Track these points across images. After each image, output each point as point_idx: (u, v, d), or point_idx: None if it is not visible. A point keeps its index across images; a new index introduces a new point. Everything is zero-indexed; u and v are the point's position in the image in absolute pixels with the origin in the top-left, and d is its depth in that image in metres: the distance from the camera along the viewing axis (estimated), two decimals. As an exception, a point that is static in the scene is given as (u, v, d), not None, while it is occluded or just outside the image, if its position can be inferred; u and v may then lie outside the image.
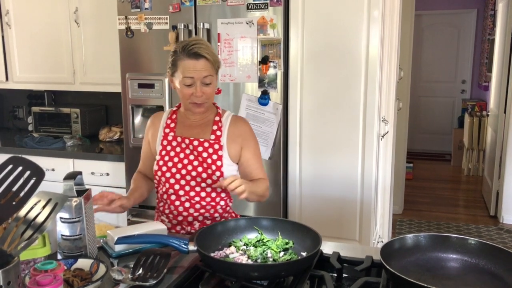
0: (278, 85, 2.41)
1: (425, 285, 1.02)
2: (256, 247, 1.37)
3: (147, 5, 2.56)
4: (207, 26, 2.45)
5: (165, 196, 1.73)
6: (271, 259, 1.31)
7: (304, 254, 1.32)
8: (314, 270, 1.25)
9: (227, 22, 2.42)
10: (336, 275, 1.27)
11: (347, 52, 2.31)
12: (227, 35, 2.43)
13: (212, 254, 1.31)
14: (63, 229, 1.35)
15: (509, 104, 4.28)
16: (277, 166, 2.47)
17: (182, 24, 2.47)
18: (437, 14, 6.86)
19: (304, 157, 2.46)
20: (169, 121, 1.78)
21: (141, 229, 1.51)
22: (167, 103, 2.61)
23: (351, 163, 2.38)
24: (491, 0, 6.04)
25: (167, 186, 1.71)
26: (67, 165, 3.02)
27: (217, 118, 1.74)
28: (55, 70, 3.29)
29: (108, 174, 2.94)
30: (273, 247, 1.35)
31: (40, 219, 1.02)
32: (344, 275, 1.29)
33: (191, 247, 1.31)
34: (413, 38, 4.35)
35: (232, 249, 1.36)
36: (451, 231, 4.15)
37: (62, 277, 1.12)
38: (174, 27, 2.51)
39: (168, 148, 1.73)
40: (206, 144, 1.70)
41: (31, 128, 3.53)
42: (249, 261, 1.30)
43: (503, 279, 1.17)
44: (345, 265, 1.29)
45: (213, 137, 1.71)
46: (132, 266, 1.29)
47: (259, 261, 1.30)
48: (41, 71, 3.33)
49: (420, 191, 5.36)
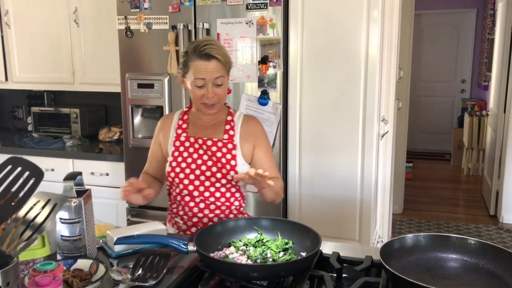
0: (278, 85, 2.41)
1: (424, 285, 1.02)
2: (255, 247, 1.37)
3: (146, 5, 2.56)
4: (206, 26, 2.45)
5: (178, 198, 1.72)
6: (270, 259, 1.31)
7: (303, 254, 1.31)
8: (314, 270, 1.24)
9: (227, 22, 2.42)
10: (335, 275, 1.27)
11: (346, 51, 2.31)
12: (226, 35, 2.43)
13: (212, 255, 1.31)
14: (63, 230, 1.35)
15: (508, 104, 4.28)
16: (276, 166, 2.47)
17: (182, 24, 2.47)
18: (436, 13, 6.86)
19: (303, 157, 2.46)
20: (180, 122, 1.76)
21: (141, 229, 1.51)
22: (167, 103, 2.61)
23: (351, 163, 2.38)
24: (491, -1, 6.05)
25: (181, 187, 1.69)
26: (67, 165, 3.02)
27: (229, 118, 1.74)
28: (54, 70, 3.29)
29: (107, 174, 2.94)
30: (273, 247, 1.35)
31: (40, 219, 1.02)
32: (344, 275, 1.29)
33: (191, 247, 1.31)
34: (412, 37, 4.35)
35: (232, 249, 1.36)
36: (451, 230, 4.15)
37: (62, 277, 1.12)
38: (174, 27, 2.51)
39: (181, 149, 1.71)
40: (220, 144, 1.69)
41: (30, 128, 3.53)
42: (249, 261, 1.30)
43: (503, 279, 1.16)
44: (344, 265, 1.29)
45: (226, 136, 1.70)
46: (131, 266, 1.29)
47: (258, 261, 1.30)
48: (41, 71, 3.33)
49: (420, 190, 5.36)
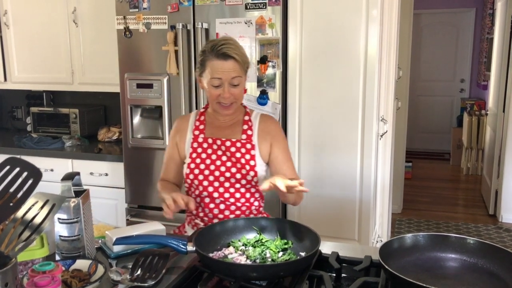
0: (277, 85, 2.41)
1: (424, 285, 1.01)
2: (255, 247, 1.36)
3: (145, 5, 2.56)
4: (205, 26, 2.45)
5: (198, 199, 1.70)
6: (270, 259, 1.31)
7: (303, 254, 1.31)
8: (313, 270, 1.24)
9: (226, 22, 2.42)
10: (335, 275, 1.27)
11: (345, 51, 2.31)
12: (225, 34, 2.42)
13: (211, 255, 1.31)
14: (61, 230, 1.35)
15: (508, 103, 4.28)
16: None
17: (181, 24, 2.47)
18: (436, 13, 6.86)
19: (303, 157, 2.46)
20: (197, 123, 1.75)
21: (140, 229, 1.51)
22: (166, 103, 2.60)
23: (350, 163, 2.38)
24: (490, -1, 6.05)
25: (201, 189, 1.68)
26: (66, 165, 3.02)
27: (246, 118, 1.73)
28: (53, 70, 3.29)
29: (107, 175, 2.94)
30: (272, 247, 1.35)
31: (38, 220, 1.02)
32: (343, 275, 1.29)
33: (190, 247, 1.31)
34: (411, 37, 4.35)
35: (231, 249, 1.36)
36: (450, 230, 4.15)
37: (60, 278, 1.12)
38: (173, 27, 2.51)
39: (199, 150, 1.70)
40: (239, 144, 1.68)
41: (29, 128, 3.53)
42: (248, 262, 1.30)
43: (502, 279, 1.16)
44: (344, 265, 1.29)
45: (244, 136, 1.69)
46: (130, 266, 1.29)
47: (257, 261, 1.30)
48: (40, 71, 3.33)
49: (419, 190, 5.36)
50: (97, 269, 1.26)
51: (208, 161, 1.68)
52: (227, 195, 1.67)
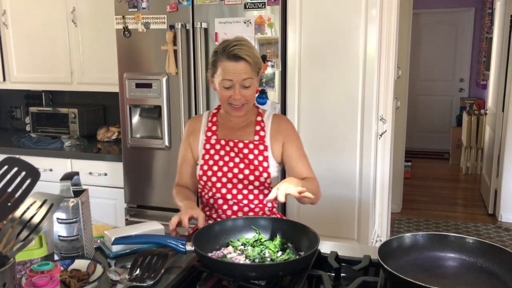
0: (276, 84, 2.41)
1: (423, 284, 1.01)
2: (253, 247, 1.36)
3: (144, 4, 2.56)
4: (204, 25, 2.45)
5: (211, 201, 1.69)
6: (269, 259, 1.30)
7: (302, 253, 1.31)
8: (312, 270, 1.24)
9: (225, 21, 2.42)
10: (334, 274, 1.27)
11: (345, 51, 2.31)
12: (224, 34, 2.43)
13: (210, 254, 1.31)
14: (60, 230, 1.35)
15: (507, 103, 4.28)
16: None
17: (180, 24, 2.46)
18: (435, 12, 6.86)
19: (302, 157, 2.45)
20: (210, 124, 1.73)
21: (139, 229, 1.51)
22: (165, 103, 2.60)
23: (349, 162, 2.38)
24: (489, -2, 6.05)
25: (214, 190, 1.67)
26: (65, 165, 3.01)
27: (259, 118, 1.71)
28: (52, 70, 3.28)
29: (106, 174, 2.94)
30: (271, 247, 1.35)
31: (36, 219, 1.01)
32: (342, 274, 1.28)
33: (189, 247, 1.31)
34: (411, 36, 4.35)
35: (230, 249, 1.36)
36: (449, 229, 4.15)
37: (59, 278, 1.12)
38: (172, 27, 2.51)
39: (212, 151, 1.69)
40: (251, 146, 1.66)
41: (28, 128, 3.52)
42: (247, 261, 1.29)
43: (501, 278, 1.16)
44: (343, 264, 1.29)
45: (257, 138, 1.68)
46: (129, 266, 1.29)
47: (256, 261, 1.30)
48: (39, 71, 3.32)
49: (419, 189, 5.36)
50: (95, 269, 1.26)
51: (221, 163, 1.67)
52: (240, 196, 1.66)
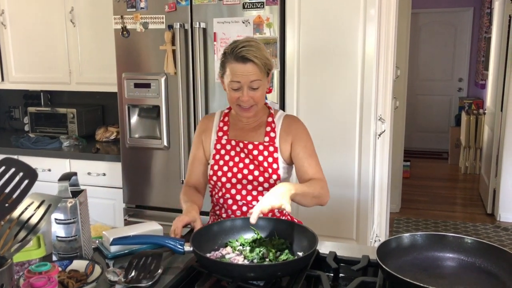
0: (275, 84, 2.41)
1: (421, 284, 1.01)
2: (252, 247, 1.36)
3: (143, 4, 2.56)
4: (203, 25, 2.44)
5: (221, 201, 1.69)
6: (267, 259, 1.30)
7: (300, 254, 1.31)
8: (311, 270, 1.24)
9: (223, 21, 2.42)
10: (332, 275, 1.27)
11: (343, 50, 2.31)
12: (223, 34, 2.42)
13: (208, 255, 1.31)
14: (58, 230, 1.34)
15: (505, 102, 4.28)
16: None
17: (178, 24, 2.46)
18: (433, 12, 6.86)
19: (301, 156, 2.45)
20: (221, 124, 1.72)
21: (137, 229, 1.50)
22: (164, 103, 2.60)
23: (348, 162, 2.38)
24: (488, -2, 6.05)
25: (224, 191, 1.66)
26: (64, 165, 3.01)
27: (269, 119, 1.69)
28: (51, 70, 3.28)
29: (104, 175, 2.93)
30: (270, 247, 1.35)
31: (34, 220, 1.01)
32: (341, 274, 1.28)
33: (187, 247, 1.30)
34: (409, 36, 4.35)
35: (228, 249, 1.36)
36: (448, 229, 4.15)
37: (57, 278, 1.12)
38: (170, 27, 2.50)
39: (222, 152, 1.68)
40: (261, 147, 1.65)
41: (27, 128, 3.52)
42: (245, 262, 1.29)
43: (500, 278, 1.16)
44: (341, 264, 1.29)
45: (267, 139, 1.66)
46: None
47: (255, 261, 1.29)
48: (37, 71, 3.32)
49: (418, 189, 5.36)
50: (94, 269, 1.26)
51: (231, 163, 1.66)
52: (249, 197, 1.65)
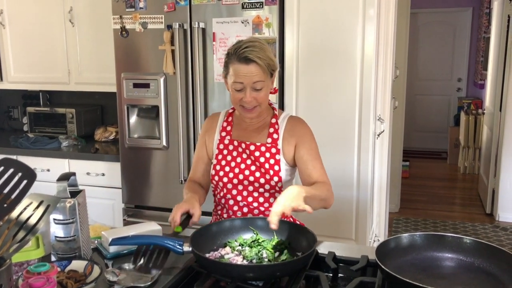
0: (274, 84, 2.40)
1: (420, 284, 1.01)
2: (251, 247, 1.36)
3: (142, 4, 2.55)
4: (202, 25, 2.44)
5: (223, 201, 1.69)
6: (266, 260, 1.30)
7: (299, 254, 1.31)
8: (310, 270, 1.24)
9: (222, 21, 2.42)
10: (331, 275, 1.27)
11: (342, 50, 2.31)
12: (222, 34, 2.42)
13: (207, 255, 1.31)
14: (57, 231, 1.34)
15: (504, 102, 4.29)
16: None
17: (177, 24, 2.46)
18: (432, 12, 6.87)
19: (300, 156, 2.45)
20: (225, 124, 1.72)
21: (136, 230, 1.50)
22: (163, 103, 2.60)
23: (347, 162, 2.38)
24: (487, -2, 6.06)
25: (225, 191, 1.66)
26: (63, 165, 3.01)
27: (273, 120, 1.68)
28: (50, 70, 3.27)
29: (103, 175, 2.93)
30: (269, 247, 1.35)
31: (33, 221, 1.01)
32: (340, 275, 1.28)
33: (186, 248, 1.30)
34: (408, 36, 4.35)
35: (227, 249, 1.36)
36: (447, 229, 4.16)
37: (56, 279, 1.12)
38: (169, 27, 2.50)
39: (225, 152, 1.67)
40: (263, 149, 1.64)
41: (26, 128, 3.52)
42: (244, 262, 1.29)
43: (498, 278, 1.16)
44: (340, 265, 1.29)
45: (269, 140, 1.65)
46: (126, 267, 1.29)
47: (254, 261, 1.29)
48: (36, 71, 3.31)
49: (417, 189, 5.37)
50: (93, 269, 1.26)
51: (233, 164, 1.65)
52: (250, 199, 1.64)
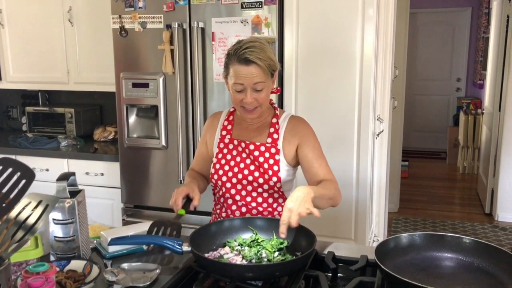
0: (275, 84, 2.39)
1: (419, 284, 1.01)
2: (250, 247, 1.36)
3: (141, 4, 2.55)
4: (201, 25, 2.44)
5: (221, 200, 1.69)
6: (265, 259, 1.30)
7: (299, 254, 1.31)
8: (309, 270, 1.24)
9: (222, 21, 2.41)
10: (331, 275, 1.27)
11: (342, 50, 2.31)
12: (221, 34, 2.42)
13: (206, 255, 1.31)
14: (56, 231, 1.34)
15: (503, 102, 4.29)
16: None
17: (176, 23, 2.46)
18: (432, 12, 6.87)
19: (299, 156, 2.45)
20: (226, 123, 1.71)
21: (135, 229, 1.50)
22: (162, 103, 2.59)
23: (346, 162, 2.38)
24: (486, -2, 6.06)
25: (224, 190, 1.65)
26: (62, 165, 3.00)
27: (274, 120, 1.67)
28: (49, 69, 3.27)
29: (102, 174, 2.93)
30: (268, 247, 1.34)
31: (31, 220, 1.01)
32: (339, 274, 1.28)
33: (185, 247, 1.30)
34: (408, 36, 4.35)
35: (227, 249, 1.35)
36: (446, 229, 4.16)
37: (54, 279, 1.11)
38: (168, 26, 2.50)
39: (225, 151, 1.67)
40: (263, 148, 1.63)
41: (25, 128, 3.51)
42: (244, 262, 1.29)
43: (497, 278, 1.17)
44: (340, 264, 1.29)
45: (269, 140, 1.64)
46: (126, 267, 1.29)
47: (253, 261, 1.29)
48: (35, 70, 3.31)
49: (416, 189, 5.37)
50: (92, 269, 1.26)
51: (232, 163, 1.65)
52: (249, 198, 1.64)
